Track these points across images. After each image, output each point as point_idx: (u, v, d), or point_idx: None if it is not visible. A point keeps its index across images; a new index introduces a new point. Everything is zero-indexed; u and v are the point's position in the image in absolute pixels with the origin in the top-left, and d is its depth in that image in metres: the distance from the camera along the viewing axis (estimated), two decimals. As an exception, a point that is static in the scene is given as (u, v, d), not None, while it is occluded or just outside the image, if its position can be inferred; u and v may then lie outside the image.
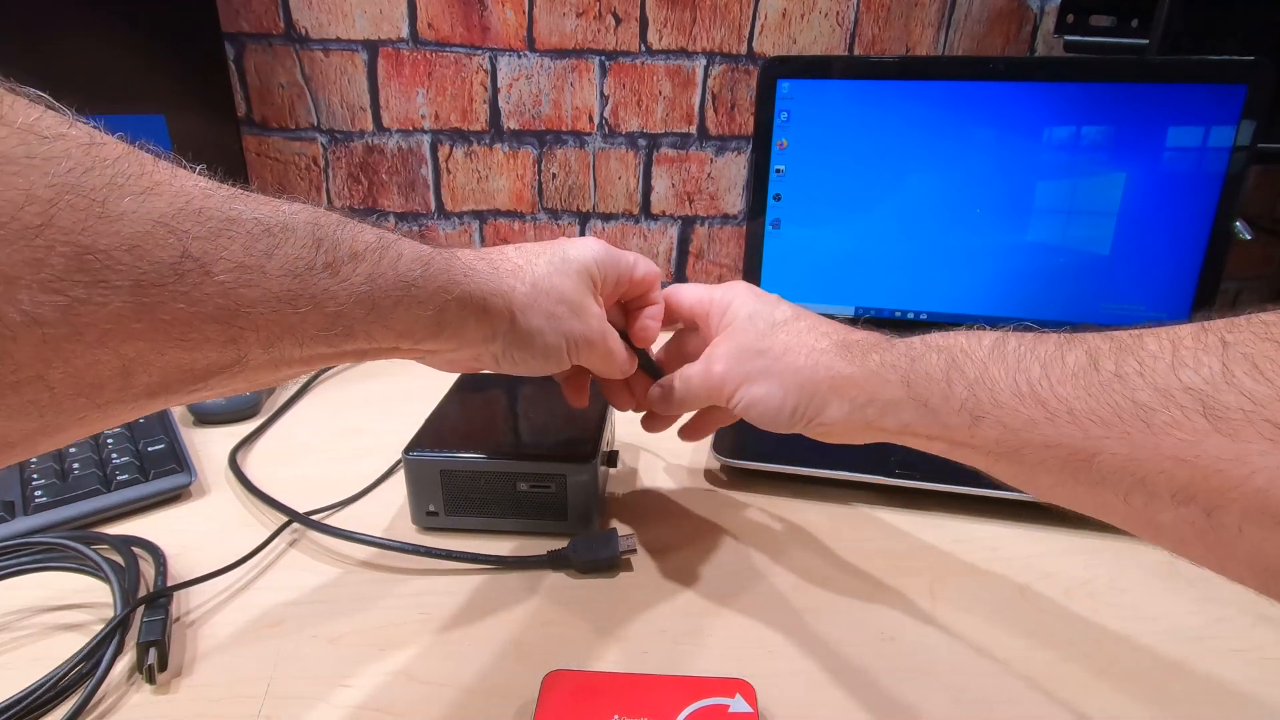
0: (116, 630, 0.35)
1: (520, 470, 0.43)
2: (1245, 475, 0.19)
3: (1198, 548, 0.22)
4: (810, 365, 0.34)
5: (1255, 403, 0.19)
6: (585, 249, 0.37)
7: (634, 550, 0.42)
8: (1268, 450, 0.19)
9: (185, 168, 0.22)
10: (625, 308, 0.41)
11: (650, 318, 0.40)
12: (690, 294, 0.42)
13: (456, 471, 0.43)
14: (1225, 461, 0.20)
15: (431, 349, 0.32)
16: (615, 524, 0.45)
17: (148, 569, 0.40)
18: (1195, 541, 0.22)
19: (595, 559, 0.41)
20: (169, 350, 0.20)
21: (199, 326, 0.21)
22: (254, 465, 0.52)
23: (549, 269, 0.35)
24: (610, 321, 0.38)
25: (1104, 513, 0.25)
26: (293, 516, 0.45)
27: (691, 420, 0.44)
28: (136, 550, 0.41)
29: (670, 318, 0.43)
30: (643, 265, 0.40)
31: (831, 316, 0.73)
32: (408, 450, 0.44)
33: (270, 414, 0.59)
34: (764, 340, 0.36)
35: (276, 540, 0.44)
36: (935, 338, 0.31)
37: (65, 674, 0.33)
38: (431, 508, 0.44)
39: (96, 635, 0.34)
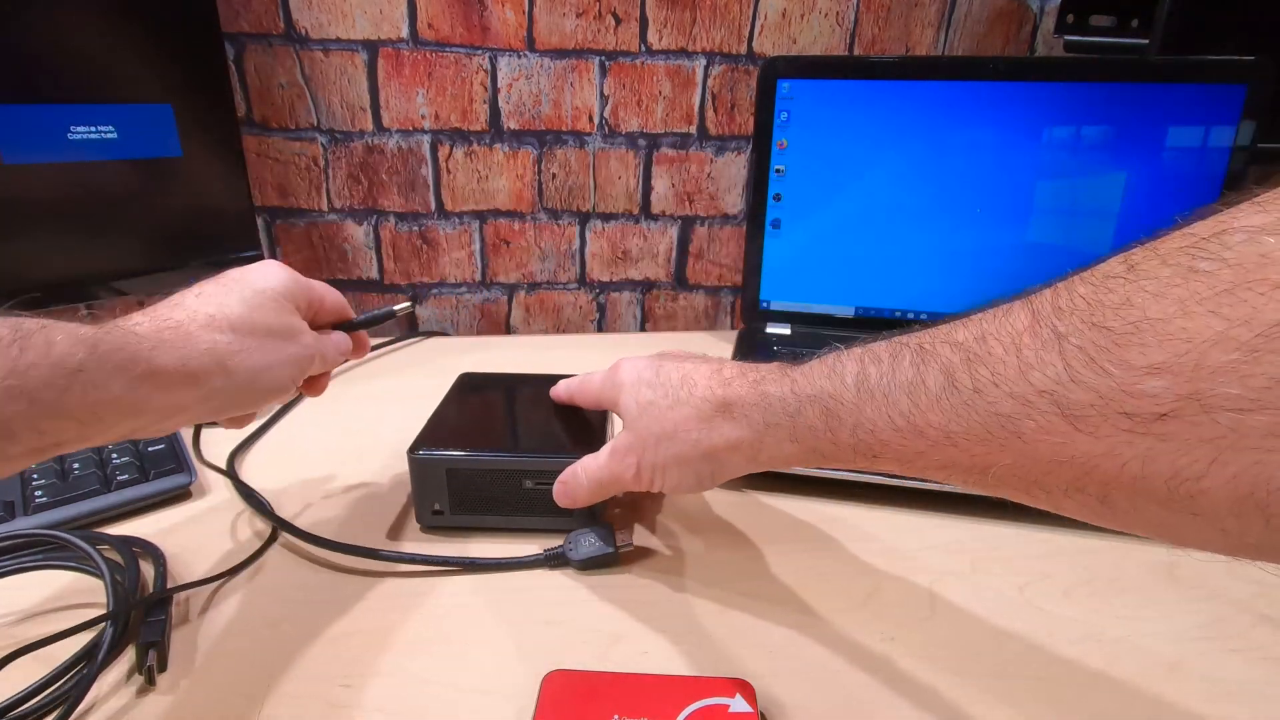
0: (116, 632, 0.35)
1: (525, 467, 0.43)
2: (1119, 466, 0.20)
3: (1109, 522, 0.23)
4: (706, 438, 0.35)
5: (1102, 397, 0.20)
6: (271, 276, 0.38)
7: (630, 546, 0.42)
8: (1129, 440, 0.20)
9: None
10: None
11: (339, 343, 0.43)
12: (582, 396, 0.46)
13: (462, 470, 0.43)
14: (1097, 457, 0.21)
15: (137, 425, 0.31)
16: (612, 520, 0.45)
17: (148, 569, 0.40)
18: (1103, 519, 0.23)
19: (593, 556, 0.41)
20: None
21: None
22: (255, 465, 0.52)
23: (244, 308, 0.36)
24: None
25: (1022, 501, 0.25)
26: (280, 525, 0.44)
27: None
28: (136, 551, 0.41)
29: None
30: (331, 296, 0.42)
31: (832, 316, 0.74)
32: (413, 449, 0.43)
33: (272, 414, 0.59)
34: (657, 427, 0.37)
35: (276, 538, 0.44)
36: (803, 383, 0.31)
37: (64, 674, 0.33)
38: (437, 506, 0.44)
39: (96, 636, 0.34)
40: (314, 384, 0.44)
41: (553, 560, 0.42)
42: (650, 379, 0.38)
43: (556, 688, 0.32)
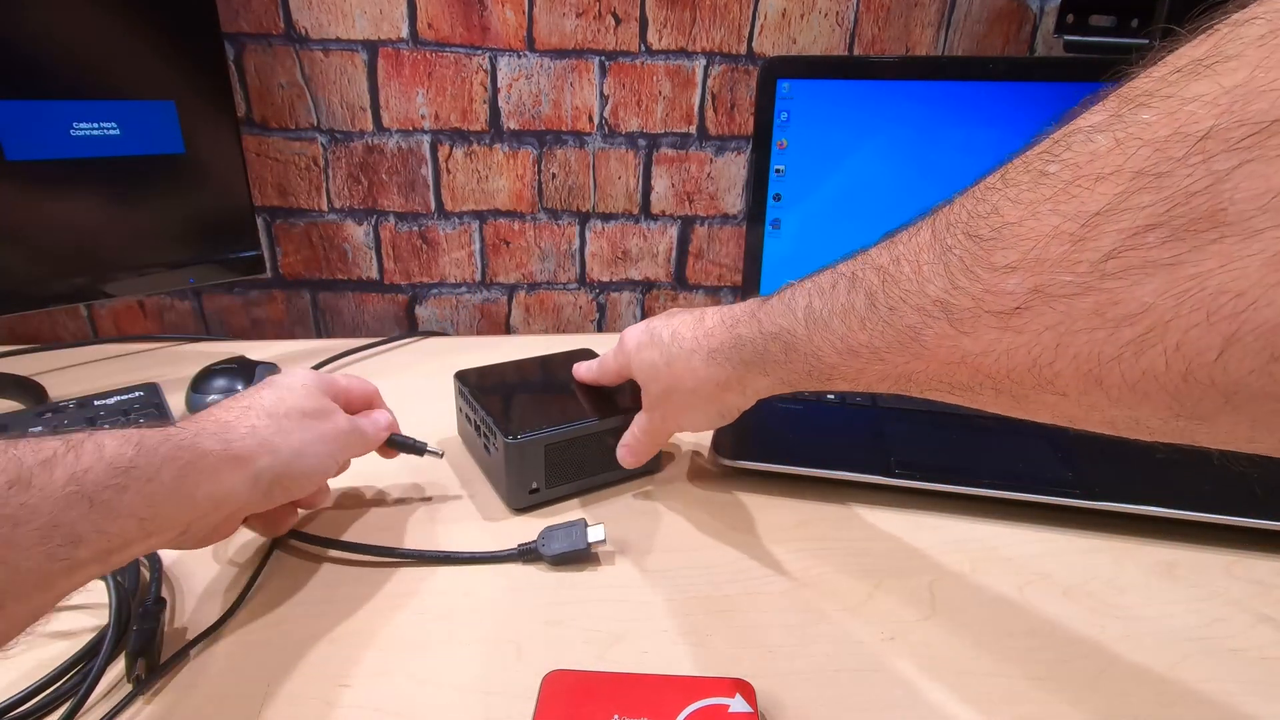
0: (116, 632, 0.35)
1: (611, 426, 0.48)
2: (994, 362, 0.22)
3: (1024, 413, 0.24)
4: (700, 385, 0.40)
5: (975, 299, 0.22)
6: (297, 375, 0.41)
7: (603, 541, 0.42)
8: (998, 337, 0.22)
9: None
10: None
11: (377, 419, 0.45)
12: (605, 377, 0.49)
13: (558, 443, 0.46)
14: (978, 356, 0.23)
15: (193, 518, 0.32)
16: (585, 516, 0.45)
17: (145, 571, 0.40)
18: (1017, 410, 0.24)
19: (565, 552, 0.41)
20: None
21: None
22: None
23: (275, 397, 0.38)
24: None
25: (952, 402, 0.27)
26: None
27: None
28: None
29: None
30: (357, 385, 0.45)
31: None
32: (510, 436, 0.45)
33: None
34: (663, 382, 0.42)
35: (276, 538, 0.44)
36: (766, 322, 0.34)
37: (64, 674, 0.33)
38: (534, 485, 0.47)
39: (95, 636, 0.34)
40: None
41: (526, 555, 0.42)
42: (647, 340, 0.43)
43: (556, 688, 0.32)
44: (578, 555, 0.42)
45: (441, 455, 0.48)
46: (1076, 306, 0.19)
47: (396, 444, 0.47)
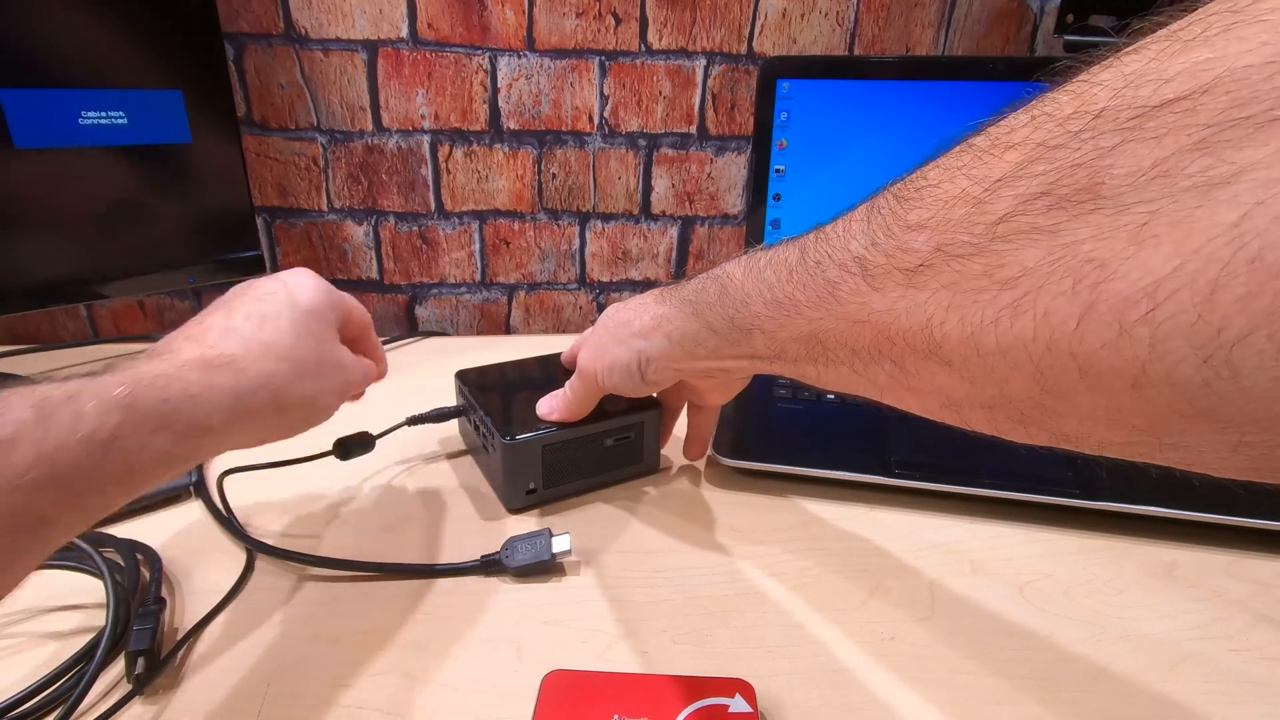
0: (114, 633, 0.35)
1: (608, 428, 0.48)
2: (895, 320, 0.23)
3: (913, 400, 0.25)
4: (639, 318, 0.39)
5: (888, 255, 0.23)
6: (313, 292, 0.36)
7: (568, 552, 0.41)
8: (902, 294, 0.22)
9: None
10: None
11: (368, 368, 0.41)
12: (577, 365, 0.46)
13: (555, 444, 0.46)
14: (881, 313, 0.23)
15: (184, 469, 0.29)
16: (550, 526, 0.44)
17: (145, 571, 0.40)
18: (908, 394, 0.25)
19: (529, 564, 0.41)
20: None
21: None
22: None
23: (295, 334, 0.34)
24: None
25: (861, 391, 0.27)
26: (254, 547, 0.43)
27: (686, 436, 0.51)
28: (139, 557, 0.41)
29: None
30: (357, 311, 0.41)
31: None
32: (507, 437, 0.45)
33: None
34: (611, 324, 0.42)
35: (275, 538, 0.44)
36: (717, 269, 0.35)
37: (63, 674, 0.33)
38: (531, 486, 0.47)
39: (95, 636, 0.34)
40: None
41: (489, 567, 0.41)
42: (621, 304, 0.43)
43: (556, 688, 0.32)
44: (542, 567, 0.41)
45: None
46: (969, 266, 0.20)
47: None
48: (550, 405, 0.47)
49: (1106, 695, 0.34)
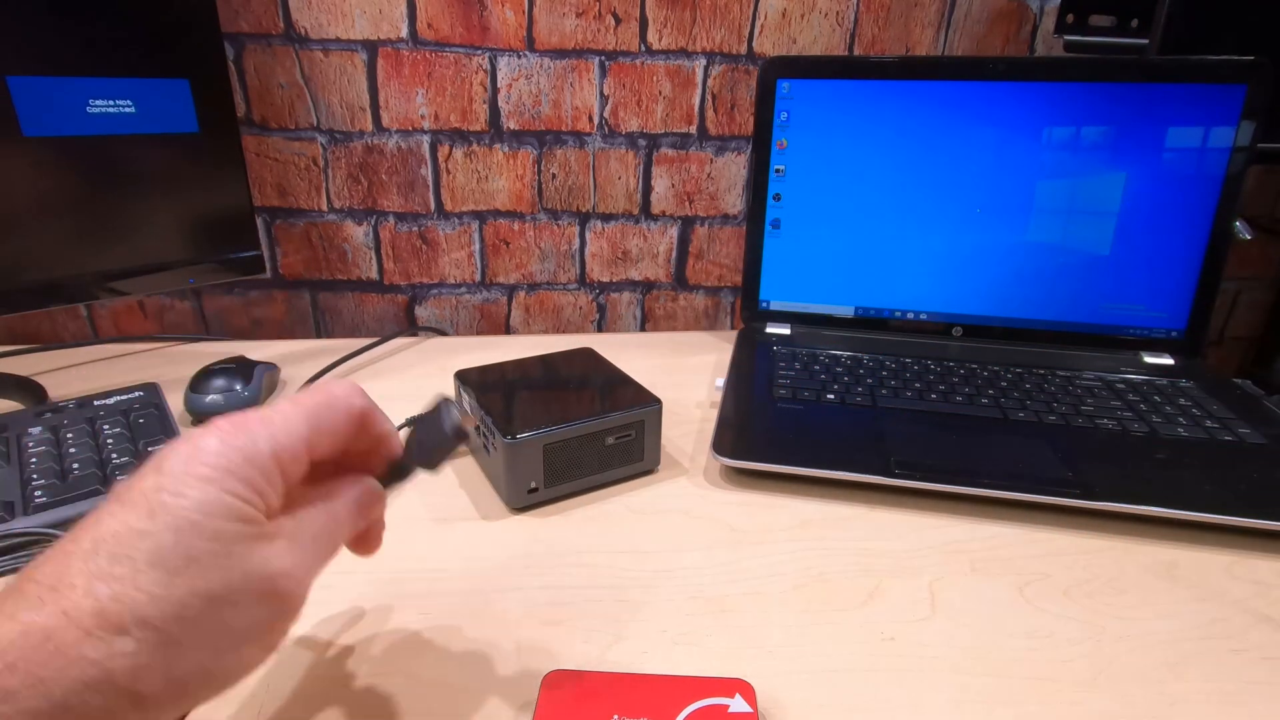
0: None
1: (609, 425, 0.48)
2: None
3: None
4: None
5: None
6: (203, 473, 0.23)
7: (467, 418, 0.38)
8: None
9: None
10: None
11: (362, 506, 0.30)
12: None
13: (557, 443, 0.46)
14: None
15: None
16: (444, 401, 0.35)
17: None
18: None
19: (434, 448, 0.34)
20: None
21: None
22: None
23: (164, 569, 0.21)
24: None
25: None
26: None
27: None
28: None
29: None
30: (329, 413, 0.27)
31: (831, 316, 0.74)
32: (509, 435, 0.45)
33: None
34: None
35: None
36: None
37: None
38: (533, 484, 0.47)
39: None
40: (363, 543, 0.34)
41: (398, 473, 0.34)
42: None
43: (556, 688, 0.32)
44: (448, 443, 0.33)
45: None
46: None
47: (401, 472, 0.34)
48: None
49: (1107, 695, 0.34)
